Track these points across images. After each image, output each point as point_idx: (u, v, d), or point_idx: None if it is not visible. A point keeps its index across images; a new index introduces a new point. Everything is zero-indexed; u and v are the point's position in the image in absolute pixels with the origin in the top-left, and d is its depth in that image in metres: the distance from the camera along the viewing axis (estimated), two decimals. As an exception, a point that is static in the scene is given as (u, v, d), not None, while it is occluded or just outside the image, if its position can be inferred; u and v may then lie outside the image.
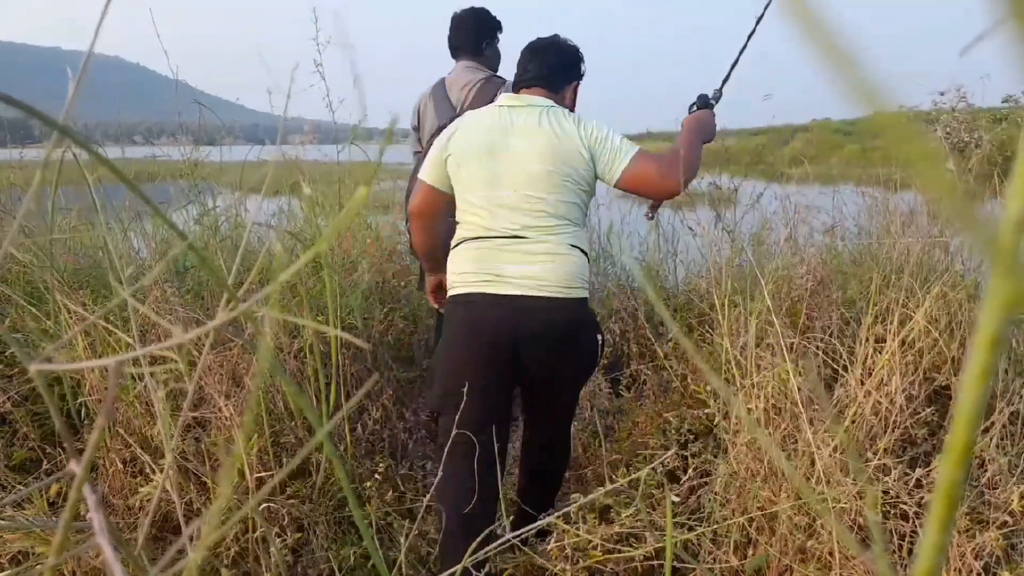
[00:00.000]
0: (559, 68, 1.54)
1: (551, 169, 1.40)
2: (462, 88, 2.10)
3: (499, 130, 1.44)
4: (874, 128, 0.14)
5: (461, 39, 2.15)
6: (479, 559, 0.88)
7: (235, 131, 3.43)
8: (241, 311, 0.27)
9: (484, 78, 2.11)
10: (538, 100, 1.47)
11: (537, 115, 1.45)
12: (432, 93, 2.13)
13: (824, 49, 0.14)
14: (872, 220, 2.24)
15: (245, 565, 1.34)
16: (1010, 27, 0.13)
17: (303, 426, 1.65)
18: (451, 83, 2.12)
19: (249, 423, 0.47)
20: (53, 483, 1.39)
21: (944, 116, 3.33)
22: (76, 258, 2.19)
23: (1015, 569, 1.18)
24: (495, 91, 2.06)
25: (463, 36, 2.15)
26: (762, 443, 1.38)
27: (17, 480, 1.55)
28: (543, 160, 1.40)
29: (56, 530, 0.26)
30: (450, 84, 2.12)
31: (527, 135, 1.43)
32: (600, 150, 1.44)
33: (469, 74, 2.11)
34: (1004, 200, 0.15)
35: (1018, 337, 1.60)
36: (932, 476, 1.30)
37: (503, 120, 1.46)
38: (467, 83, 2.10)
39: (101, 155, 0.29)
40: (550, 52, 1.53)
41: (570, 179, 1.42)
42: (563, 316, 1.41)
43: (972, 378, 0.16)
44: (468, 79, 2.10)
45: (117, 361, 0.25)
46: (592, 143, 1.44)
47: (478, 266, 1.42)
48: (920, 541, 0.19)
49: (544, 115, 1.45)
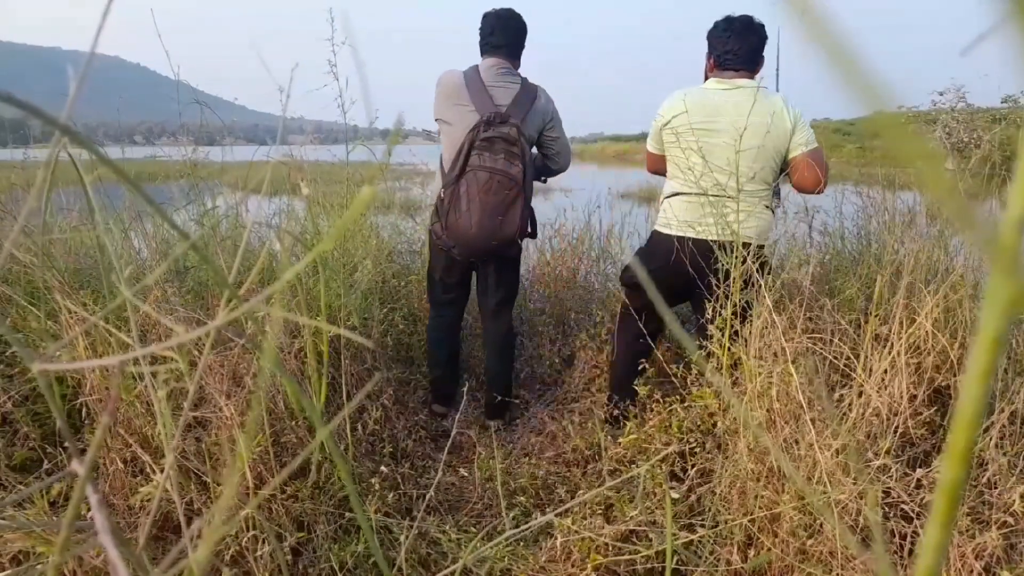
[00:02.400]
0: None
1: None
2: (498, 86, 2.10)
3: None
4: (874, 128, 0.15)
5: (507, 38, 2.14)
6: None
7: (235, 131, 3.43)
8: (244, 311, 0.27)
9: (522, 81, 2.14)
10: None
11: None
12: (467, 83, 2.10)
13: (824, 48, 0.14)
14: (872, 220, 2.24)
15: (245, 564, 1.34)
16: (1010, 27, 0.13)
17: (303, 426, 1.65)
18: (488, 78, 2.11)
19: (252, 423, 0.47)
20: (55, 483, 1.39)
21: (944, 116, 3.33)
22: (76, 258, 2.19)
23: (1015, 569, 1.18)
24: (533, 96, 2.09)
25: (508, 36, 2.15)
26: (764, 444, 1.38)
27: (18, 480, 1.54)
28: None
29: (57, 530, 0.26)
30: (487, 79, 2.11)
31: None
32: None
33: (506, 74, 2.13)
34: (1004, 200, 0.15)
35: (1018, 337, 1.60)
36: (932, 476, 1.30)
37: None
38: (505, 83, 2.11)
39: (104, 155, 0.29)
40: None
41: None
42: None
43: (973, 378, 0.16)
44: (504, 80, 2.11)
45: (120, 360, 0.25)
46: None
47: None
48: (921, 541, 0.19)
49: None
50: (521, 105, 2.08)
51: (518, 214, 2.05)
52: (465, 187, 2.03)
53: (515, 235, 2.07)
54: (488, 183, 2.02)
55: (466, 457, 2.15)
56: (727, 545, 1.40)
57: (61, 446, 1.67)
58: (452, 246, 2.11)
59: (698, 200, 1.87)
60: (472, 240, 2.05)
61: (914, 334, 1.52)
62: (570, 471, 1.94)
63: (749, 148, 1.77)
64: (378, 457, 1.86)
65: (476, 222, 2.03)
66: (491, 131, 2.02)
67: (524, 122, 2.07)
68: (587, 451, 1.99)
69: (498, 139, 2.02)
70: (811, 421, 1.35)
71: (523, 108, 2.08)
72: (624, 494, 1.55)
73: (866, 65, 0.14)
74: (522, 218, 2.07)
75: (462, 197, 2.04)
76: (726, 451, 1.56)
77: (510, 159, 2.02)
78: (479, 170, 2.02)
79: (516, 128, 2.03)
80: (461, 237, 2.06)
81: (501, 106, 2.07)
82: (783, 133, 1.81)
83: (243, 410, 1.47)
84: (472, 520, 1.76)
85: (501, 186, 2.02)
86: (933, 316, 1.53)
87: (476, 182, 2.02)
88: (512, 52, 2.16)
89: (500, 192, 2.02)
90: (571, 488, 1.84)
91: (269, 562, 1.33)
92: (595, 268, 3.02)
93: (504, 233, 2.05)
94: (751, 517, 1.37)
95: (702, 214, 1.86)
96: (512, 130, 2.03)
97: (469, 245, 2.07)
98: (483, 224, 2.03)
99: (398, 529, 1.57)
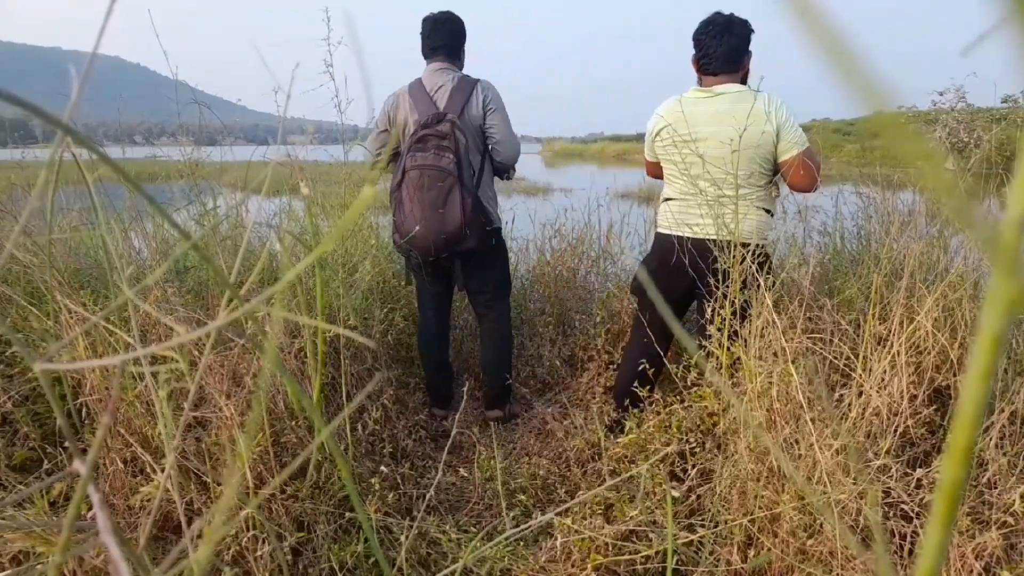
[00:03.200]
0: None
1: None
2: (438, 88, 2.16)
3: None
4: (874, 128, 0.15)
5: (443, 40, 2.21)
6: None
7: (236, 131, 3.43)
8: (245, 311, 0.27)
9: (459, 77, 2.18)
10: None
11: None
12: (410, 93, 2.19)
13: (824, 48, 0.14)
14: (871, 220, 2.24)
15: (245, 564, 1.34)
16: (1010, 27, 0.13)
17: (303, 426, 1.65)
18: (429, 83, 2.18)
19: (252, 423, 0.47)
20: (55, 483, 1.39)
21: (944, 116, 3.33)
22: (77, 258, 2.19)
23: (1015, 569, 1.18)
24: (470, 89, 2.12)
25: (444, 37, 2.21)
26: (764, 444, 1.38)
27: (18, 480, 1.54)
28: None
29: (58, 530, 0.26)
30: (429, 84, 2.18)
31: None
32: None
33: (445, 75, 2.18)
34: (1005, 200, 0.15)
35: (1018, 337, 1.60)
36: (932, 476, 1.30)
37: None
38: (442, 83, 2.17)
39: (105, 155, 0.30)
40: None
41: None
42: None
43: (973, 378, 0.16)
44: (443, 80, 2.17)
45: (120, 360, 0.25)
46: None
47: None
48: (921, 541, 0.19)
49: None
50: (457, 100, 2.13)
51: (458, 204, 2.06)
52: (405, 190, 2.10)
53: (461, 225, 2.07)
54: (419, 180, 2.06)
55: (466, 457, 2.15)
56: (727, 545, 1.40)
57: (61, 446, 1.67)
58: (409, 250, 2.16)
59: (694, 201, 1.92)
60: (421, 239, 2.09)
61: (914, 334, 1.52)
62: (570, 471, 1.94)
63: (733, 153, 1.79)
64: (378, 457, 1.86)
65: (418, 219, 2.07)
66: (426, 130, 2.08)
67: (461, 116, 2.11)
68: (587, 451, 1.99)
69: (431, 136, 2.08)
70: (811, 421, 1.35)
71: (459, 103, 2.13)
72: (624, 494, 1.55)
73: (866, 65, 0.14)
74: (463, 207, 2.07)
75: (404, 200, 2.10)
76: (726, 451, 1.56)
77: (439, 152, 2.07)
78: (411, 170, 2.08)
79: (451, 123, 2.07)
80: (411, 238, 2.10)
81: (440, 106, 2.13)
82: (767, 137, 1.81)
83: (243, 410, 1.47)
84: (472, 520, 1.76)
85: (433, 179, 2.05)
86: (933, 316, 1.53)
87: (411, 182, 2.08)
88: (451, 52, 2.22)
89: (433, 186, 2.06)
90: (571, 488, 1.84)
91: (269, 562, 1.33)
92: (595, 268, 3.02)
93: (448, 225, 2.07)
94: (751, 517, 1.37)
95: (698, 215, 1.91)
96: (445, 125, 2.07)
97: (420, 245, 2.11)
98: (425, 219, 2.07)
99: (398, 529, 1.57)
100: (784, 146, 1.82)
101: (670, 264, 1.94)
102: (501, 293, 2.37)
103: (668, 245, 1.97)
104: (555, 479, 1.89)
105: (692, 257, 1.88)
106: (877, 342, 1.52)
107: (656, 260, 2.02)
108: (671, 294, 1.99)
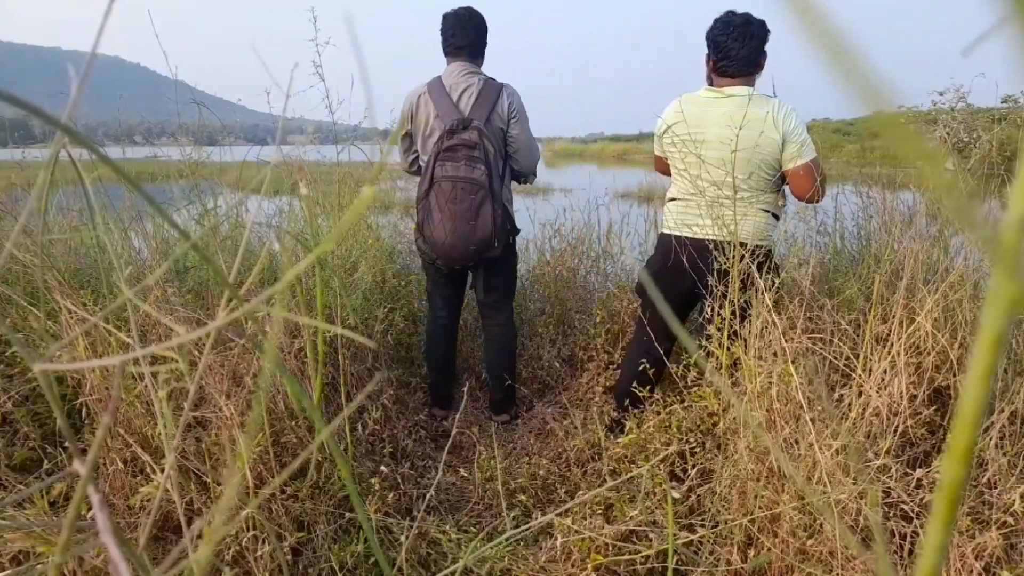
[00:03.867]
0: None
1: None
2: (463, 91, 2.12)
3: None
4: (874, 128, 0.15)
5: (468, 39, 2.15)
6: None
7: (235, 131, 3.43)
8: (245, 311, 0.27)
9: (485, 80, 2.14)
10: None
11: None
12: (431, 94, 2.14)
13: (824, 48, 0.14)
14: (871, 220, 2.24)
15: (245, 564, 1.34)
16: (1010, 27, 0.13)
17: (303, 426, 1.65)
18: (452, 85, 2.13)
19: (252, 423, 0.47)
20: (56, 483, 1.39)
21: (944, 116, 3.33)
22: (77, 258, 2.19)
23: (1015, 569, 1.18)
24: (496, 96, 2.09)
25: (469, 36, 2.15)
26: (764, 444, 1.38)
27: (18, 480, 1.54)
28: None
29: (58, 530, 0.26)
30: (451, 86, 2.13)
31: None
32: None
33: (470, 78, 2.14)
34: (1005, 200, 0.15)
35: (1018, 337, 1.60)
36: (932, 476, 1.30)
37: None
38: (468, 86, 2.12)
39: (105, 155, 0.30)
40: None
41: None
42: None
43: (974, 378, 0.16)
44: (468, 82, 2.13)
45: (120, 360, 0.25)
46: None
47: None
48: (921, 541, 0.19)
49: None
50: (484, 106, 2.10)
51: (489, 215, 2.07)
52: (434, 199, 2.09)
53: (491, 236, 2.08)
54: (452, 192, 2.06)
55: (466, 457, 2.15)
56: (727, 545, 1.40)
57: (61, 446, 1.67)
58: (435, 257, 2.16)
59: (695, 201, 1.93)
60: (450, 249, 2.09)
61: (914, 334, 1.52)
62: (570, 471, 1.94)
63: (732, 154, 1.78)
64: (378, 457, 1.86)
65: (450, 230, 2.07)
66: (454, 139, 2.06)
67: (488, 123, 2.09)
68: (587, 451, 1.99)
69: (460, 146, 2.06)
70: (811, 421, 1.35)
71: (486, 109, 2.10)
72: (624, 494, 1.55)
73: (866, 65, 0.14)
74: (494, 218, 2.08)
75: (433, 209, 2.09)
76: (726, 451, 1.56)
77: (471, 163, 2.05)
78: (443, 181, 2.07)
79: (478, 131, 2.05)
80: (439, 247, 2.10)
81: (465, 111, 2.10)
82: (772, 145, 1.80)
83: (243, 410, 1.47)
84: (472, 520, 1.76)
85: (465, 192, 2.05)
86: (933, 316, 1.53)
87: (442, 193, 2.07)
88: (474, 52, 2.17)
89: (465, 198, 2.05)
90: (571, 488, 1.84)
91: (269, 562, 1.33)
92: (595, 268, 3.02)
93: (479, 236, 2.08)
94: (751, 517, 1.37)
95: (698, 215, 1.91)
96: (473, 134, 2.05)
97: (448, 254, 2.11)
98: (457, 231, 2.07)
99: (398, 529, 1.57)
100: (789, 155, 1.81)
101: (670, 264, 1.96)
102: (508, 295, 2.38)
103: (671, 245, 1.98)
104: (555, 479, 1.89)
105: (692, 257, 1.88)
106: (877, 342, 1.52)
107: (659, 260, 2.04)
108: (673, 294, 1.99)
